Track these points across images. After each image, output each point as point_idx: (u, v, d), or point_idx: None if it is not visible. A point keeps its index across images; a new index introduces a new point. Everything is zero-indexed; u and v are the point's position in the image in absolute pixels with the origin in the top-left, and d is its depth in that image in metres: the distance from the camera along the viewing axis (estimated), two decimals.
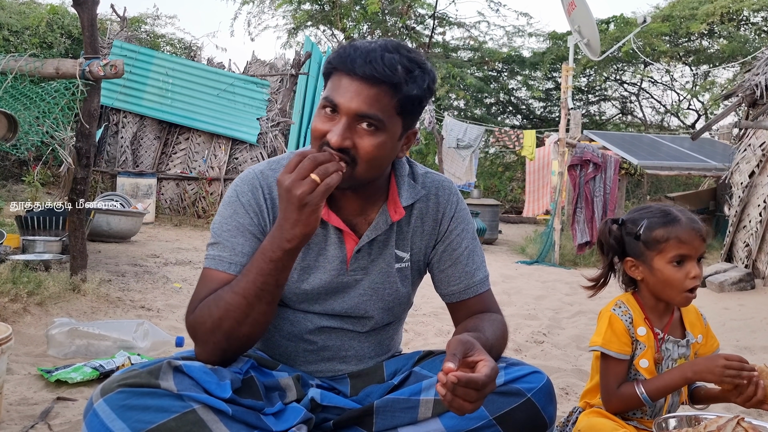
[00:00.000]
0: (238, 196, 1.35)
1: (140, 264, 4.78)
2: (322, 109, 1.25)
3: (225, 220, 1.33)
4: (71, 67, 3.34)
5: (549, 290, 5.34)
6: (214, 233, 1.34)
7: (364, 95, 1.21)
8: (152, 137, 8.92)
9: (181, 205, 8.85)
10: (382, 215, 1.38)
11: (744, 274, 5.63)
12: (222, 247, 1.30)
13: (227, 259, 1.29)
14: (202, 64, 9.25)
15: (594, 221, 7.46)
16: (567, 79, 8.12)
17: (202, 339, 1.23)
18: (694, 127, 16.73)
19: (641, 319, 1.59)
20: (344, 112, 1.22)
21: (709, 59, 16.29)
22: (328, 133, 1.22)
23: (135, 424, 1.07)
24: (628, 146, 8.83)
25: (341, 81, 1.23)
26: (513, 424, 1.30)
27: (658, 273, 1.53)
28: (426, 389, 1.34)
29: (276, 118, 9.07)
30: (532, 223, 12.17)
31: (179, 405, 1.11)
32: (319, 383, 1.41)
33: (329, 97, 1.23)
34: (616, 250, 1.60)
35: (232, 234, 1.31)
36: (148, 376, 1.13)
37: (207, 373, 1.18)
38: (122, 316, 3.20)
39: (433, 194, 1.46)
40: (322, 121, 1.24)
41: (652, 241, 1.53)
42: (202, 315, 1.22)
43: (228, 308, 1.19)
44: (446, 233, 1.45)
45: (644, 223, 1.54)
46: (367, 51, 1.22)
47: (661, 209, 1.57)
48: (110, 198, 6.43)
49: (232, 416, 1.14)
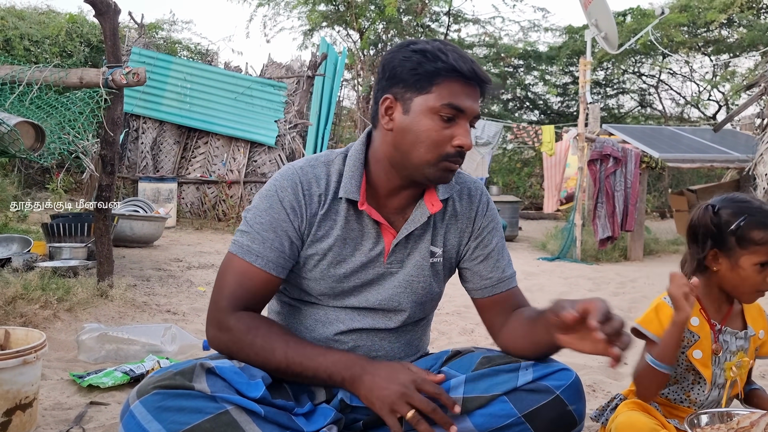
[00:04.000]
0: (276, 191, 1.37)
1: (164, 268, 4.84)
2: (435, 114, 1.29)
3: (260, 213, 1.36)
4: (95, 76, 3.39)
5: (572, 286, 5.31)
6: (247, 222, 1.37)
7: (477, 98, 1.32)
8: (172, 142, 9.01)
9: (202, 208, 8.92)
10: (419, 209, 1.41)
11: None
12: (252, 238, 1.34)
13: (256, 252, 1.33)
14: (220, 68, 9.31)
15: (615, 216, 7.39)
16: (585, 73, 8.05)
17: (228, 349, 1.33)
18: (714, 118, 16.49)
19: (696, 310, 1.55)
20: (468, 116, 1.30)
21: (729, 49, 16.02)
22: (455, 139, 1.29)
23: (171, 425, 1.10)
24: (648, 139, 8.73)
25: (457, 86, 1.29)
26: (542, 421, 1.30)
27: (740, 271, 1.50)
28: (455, 388, 1.35)
29: (294, 120, 9.11)
30: (552, 219, 12.08)
31: (213, 406, 1.13)
32: None
33: (453, 103, 1.28)
34: (714, 238, 1.52)
35: (265, 228, 1.34)
36: (182, 378, 1.15)
37: (237, 373, 1.20)
38: (149, 321, 3.24)
39: (465, 192, 1.49)
40: (440, 127, 1.29)
41: (748, 239, 1.48)
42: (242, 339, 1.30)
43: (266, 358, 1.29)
44: (479, 230, 1.48)
45: (744, 220, 1.49)
46: (465, 55, 1.31)
47: (762, 207, 1.51)
48: (132, 203, 6.51)
49: (264, 417, 1.16)
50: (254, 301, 1.35)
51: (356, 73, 16.63)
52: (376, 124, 1.39)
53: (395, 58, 1.33)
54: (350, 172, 1.38)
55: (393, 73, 1.33)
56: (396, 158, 1.35)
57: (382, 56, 1.41)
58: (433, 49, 1.29)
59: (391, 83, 1.34)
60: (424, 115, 1.29)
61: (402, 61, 1.31)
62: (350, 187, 1.37)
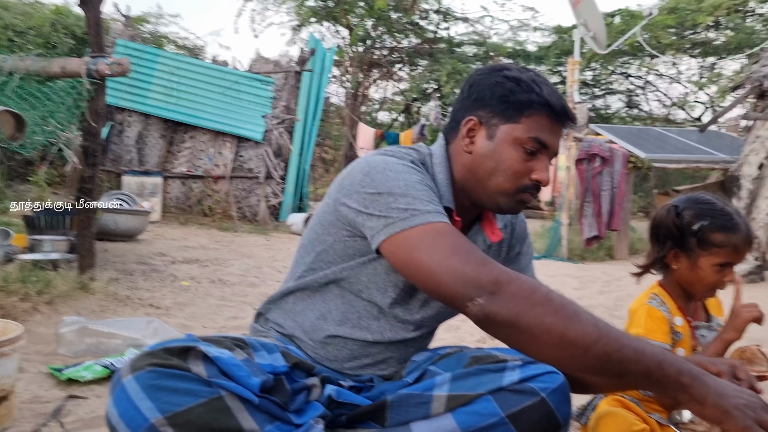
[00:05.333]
0: (413, 169, 1.28)
1: (148, 262, 4.79)
2: (520, 146, 1.26)
3: (416, 184, 1.23)
4: (77, 66, 3.34)
5: (558, 285, 5.32)
6: (405, 194, 1.21)
7: (561, 135, 1.31)
8: (157, 136, 8.93)
9: (187, 203, 8.86)
10: (478, 234, 1.40)
11: (754, 267, 5.61)
12: (428, 202, 1.21)
13: (443, 213, 1.22)
14: (207, 62, 9.25)
15: (601, 215, 7.43)
16: (573, 72, 8.08)
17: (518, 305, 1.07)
18: (700, 119, 16.64)
19: (676, 309, 1.58)
20: (552, 153, 1.29)
21: (716, 51, 16.17)
22: (535, 173, 1.27)
23: (164, 405, 1.07)
24: (635, 140, 8.79)
25: (546, 121, 1.27)
26: (525, 423, 1.28)
27: (699, 271, 1.53)
28: (439, 385, 1.33)
29: (281, 116, 9.06)
30: (539, 218, 12.13)
31: (208, 391, 1.10)
32: (352, 384, 1.41)
33: (540, 138, 1.26)
34: (676, 238, 1.56)
35: (431, 196, 1.24)
36: (178, 360, 1.12)
37: (237, 365, 1.17)
38: (131, 315, 3.20)
39: (510, 220, 1.50)
40: (522, 159, 1.27)
41: (708, 242, 1.51)
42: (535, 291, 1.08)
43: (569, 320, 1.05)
44: (518, 256, 1.51)
45: (706, 222, 1.51)
46: (557, 91, 1.28)
47: (725, 210, 1.53)
48: (116, 197, 6.44)
49: (257, 406, 1.14)
50: None
51: (345, 69, 16.60)
52: (451, 140, 1.37)
53: (486, 80, 1.30)
54: (445, 181, 1.34)
55: (481, 95, 1.30)
56: (470, 182, 1.33)
57: (470, 74, 1.37)
58: (527, 79, 1.27)
59: (477, 105, 1.31)
60: (509, 144, 1.27)
61: (493, 86, 1.29)
62: (448, 196, 1.33)
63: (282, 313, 1.47)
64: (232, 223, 8.18)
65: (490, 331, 1.13)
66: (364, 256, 1.34)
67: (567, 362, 1.10)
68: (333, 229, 1.35)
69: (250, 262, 5.53)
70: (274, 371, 1.25)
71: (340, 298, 1.39)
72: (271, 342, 1.38)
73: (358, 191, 1.25)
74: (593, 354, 1.03)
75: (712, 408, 0.99)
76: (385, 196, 1.21)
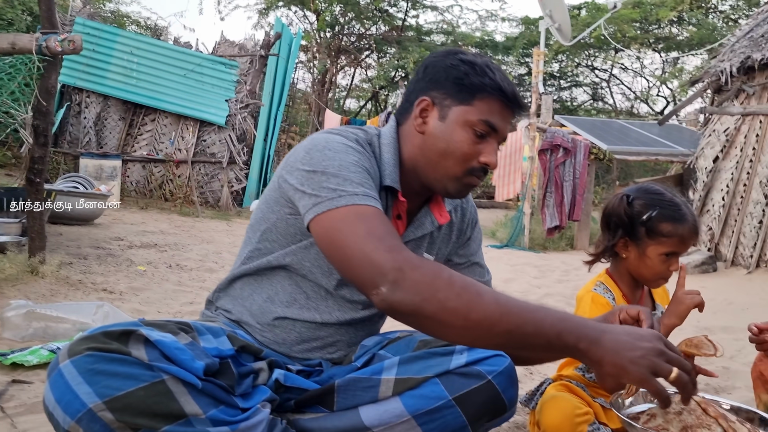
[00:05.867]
0: (353, 146, 1.27)
1: (103, 247, 4.68)
2: (470, 128, 1.27)
3: (351, 164, 1.22)
4: (27, 42, 3.21)
5: (518, 273, 5.38)
6: (336, 174, 1.20)
7: (510, 121, 1.32)
8: (117, 118, 8.72)
9: (148, 187, 8.68)
10: (427, 216, 1.41)
11: (707, 257, 5.76)
12: (358, 185, 1.19)
13: (373, 196, 1.19)
14: (169, 44, 9.05)
15: (563, 206, 7.53)
16: (538, 63, 8.15)
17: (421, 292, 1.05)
18: (662, 113, 16.98)
19: (621, 297, 1.61)
20: (501, 137, 1.31)
21: (679, 46, 16.51)
22: (483, 156, 1.28)
23: (102, 389, 1.04)
24: (598, 132, 8.92)
25: (497, 105, 1.28)
26: (472, 405, 1.30)
27: (647, 260, 1.56)
28: (388, 369, 1.34)
29: (245, 100, 8.94)
30: (503, 208, 12.25)
31: (149, 374, 1.07)
32: (301, 368, 1.40)
33: (490, 122, 1.27)
34: (626, 227, 1.58)
35: (365, 177, 1.22)
36: (118, 344, 1.09)
37: (180, 349, 1.15)
38: (83, 299, 3.12)
39: (461, 205, 1.52)
40: (471, 142, 1.28)
41: (656, 232, 1.54)
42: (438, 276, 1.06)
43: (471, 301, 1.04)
44: (468, 240, 1.53)
45: (655, 212, 1.54)
46: (508, 78, 1.30)
47: (673, 201, 1.57)
48: (72, 179, 6.27)
49: (201, 390, 1.12)
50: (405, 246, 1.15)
51: (312, 55, 16.44)
52: (403, 121, 1.37)
53: (442, 63, 1.31)
54: (391, 161, 1.33)
55: (436, 77, 1.31)
56: (420, 162, 1.33)
57: (426, 57, 1.37)
58: (482, 63, 1.29)
59: (431, 86, 1.31)
60: (460, 126, 1.28)
61: (448, 68, 1.30)
62: (395, 176, 1.33)
63: (230, 299, 1.45)
64: (194, 209, 8.06)
65: (396, 319, 1.12)
66: (306, 238, 1.32)
67: (473, 342, 1.12)
68: (276, 206, 1.34)
69: (210, 247, 5.46)
70: (219, 355, 1.23)
71: (287, 279, 1.37)
72: (218, 326, 1.36)
73: (298, 168, 1.25)
74: (497, 332, 1.05)
75: (610, 367, 1.01)
76: (319, 175, 1.20)
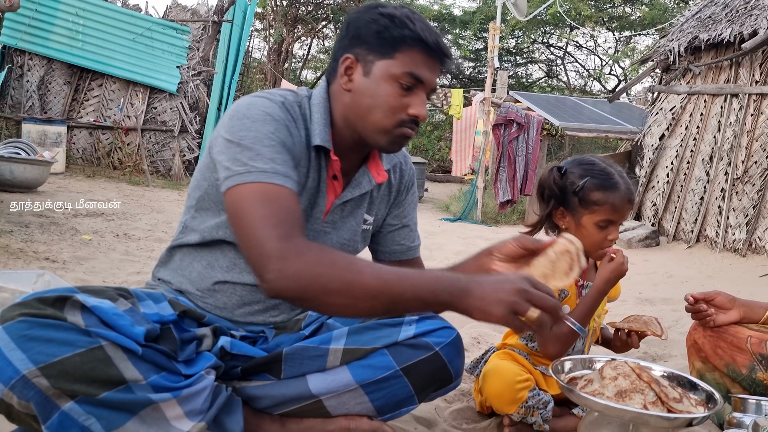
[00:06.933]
0: (272, 114, 1.25)
1: (47, 215, 4.53)
2: (395, 81, 1.26)
3: (266, 135, 1.21)
4: None
5: (469, 246, 5.46)
6: (250, 147, 1.19)
7: (437, 71, 1.31)
8: (62, 82, 8.37)
9: (95, 155, 8.41)
10: (364, 175, 1.41)
11: (650, 232, 5.96)
12: (270, 160, 1.19)
13: (282, 173, 1.18)
14: (117, 6, 8.69)
15: (516, 180, 7.65)
16: (494, 38, 8.17)
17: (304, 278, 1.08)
18: (614, 91, 17.32)
19: None
20: (428, 88, 1.29)
21: (631, 26, 16.80)
22: (411, 108, 1.27)
23: (36, 355, 1.01)
24: (552, 108, 9.04)
25: (420, 56, 1.27)
26: (419, 375, 1.34)
27: (582, 229, 1.59)
28: (336, 339, 1.36)
29: (198, 67, 8.70)
30: (458, 182, 12.36)
31: (85, 340, 1.05)
32: (245, 334, 1.39)
33: (414, 72, 1.26)
34: (557, 197, 1.63)
35: (278, 150, 1.21)
36: (53, 310, 1.06)
37: (119, 315, 1.12)
38: (24, 268, 3.02)
39: (399, 166, 1.53)
40: (398, 94, 1.27)
41: (588, 201, 1.57)
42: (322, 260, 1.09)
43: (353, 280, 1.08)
44: (403, 202, 1.54)
45: (585, 182, 1.57)
46: (431, 27, 1.29)
47: (605, 170, 1.59)
48: (13, 145, 6.01)
49: (141, 356, 1.10)
50: (300, 229, 1.16)
51: (268, 23, 16.07)
52: (332, 81, 1.36)
53: (361, 18, 1.30)
54: (321, 120, 1.33)
55: (357, 33, 1.29)
56: (351, 118, 1.33)
57: (348, 14, 1.35)
58: (401, 15, 1.27)
59: (353, 43, 1.30)
60: (384, 80, 1.27)
61: (368, 22, 1.28)
62: (324, 135, 1.32)
63: (170, 271, 1.43)
64: (144, 178, 7.85)
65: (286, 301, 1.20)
66: None
67: (359, 315, 1.19)
68: (207, 172, 1.33)
69: (160, 217, 5.34)
70: (160, 320, 1.21)
71: (227, 246, 1.36)
72: (158, 292, 1.34)
73: (221, 135, 1.24)
74: (379, 304, 1.09)
75: (478, 313, 1.07)
76: (234, 146, 1.20)
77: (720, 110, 5.72)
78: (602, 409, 1.27)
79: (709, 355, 1.68)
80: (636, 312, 3.15)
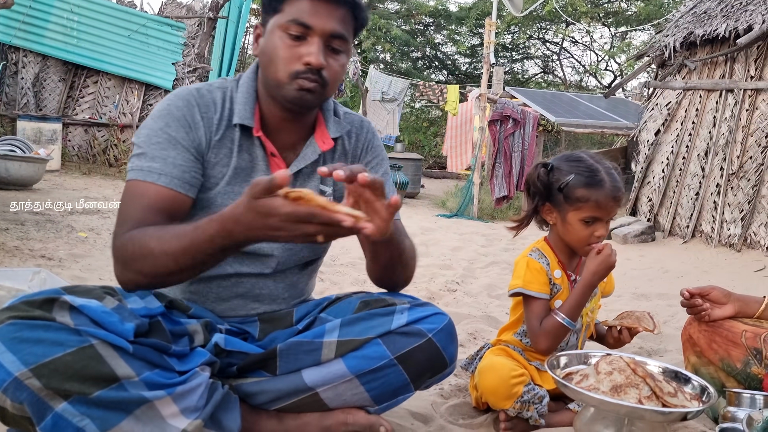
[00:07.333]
0: (170, 109, 1.30)
1: (42, 213, 4.51)
2: (284, 32, 1.25)
3: (155, 132, 1.27)
4: None
5: (466, 242, 5.46)
6: (140, 145, 1.27)
7: (335, 16, 1.26)
8: (57, 79, 8.33)
9: (91, 152, 8.38)
10: (310, 146, 1.39)
11: (646, 227, 5.97)
12: (151, 158, 1.25)
13: (157, 170, 1.24)
14: (112, 2, 8.66)
15: (512, 176, 7.65)
16: (490, 34, 8.16)
17: (124, 267, 1.20)
18: (610, 87, 17.33)
19: (556, 263, 1.65)
20: (319, 33, 1.25)
21: (627, 21, 16.80)
22: (305, 56, 1.24)
23: (27, 357, 1.01)
24: (547, 104, 9.06)
25: (306, 4, 1.24)
26: (414, 363, 1.34)
27: (568, 226, 1.60)
28: (329, 332, 1.35)
29: (193, 64, 8.67)
30: (454, 179, 12.36)
31: (76, 339, 1.05)
32: (229, 328, 1.39)
33: (299, 19, 1.24)
34: (542, 194, 1.63)
35: (163, 147, 1.26)
36: (41, 311, 1.06)
37: (108, 313, 1.12)
38: (19, 266, 3.01)
39: (354, 132, 1.49)
40: (288, 45, 1.25)
41: (573, 197, 1.57)
42: (141, 246, 1.17)
43: (166, 253, 1.14)
44: (368, 166, 1.49)
45: (570, 179, 1.57)
46: None
47: (591, 167, 1.59)
48: (8, 142, 5.99)
49: (132, 353, 1.10)
50: (135, 224, 1.21)
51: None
52: None
53: None
54: (243, 98, 1.35)
55: (262, 3, 1.34)
56: (263, 82, 1.35)
57: None
58: None
59: (263, 15, 1.35)
60: (273, 34, 1.28)
61: None
62: (245, 113, 1.33)
63: None
64: None
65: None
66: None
67: (170, 284, 1.24)
68: None
69: None
70: (149, 314, 1.22)
71: None
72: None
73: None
74: (180, 272, 1.16)
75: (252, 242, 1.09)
76: (135, 144, 1.29)
77: (715, 106, 5.73)
78: (597, 404, 1.27)
79: (704, 349, 1.69)
80: (631, 307, 3.16)
